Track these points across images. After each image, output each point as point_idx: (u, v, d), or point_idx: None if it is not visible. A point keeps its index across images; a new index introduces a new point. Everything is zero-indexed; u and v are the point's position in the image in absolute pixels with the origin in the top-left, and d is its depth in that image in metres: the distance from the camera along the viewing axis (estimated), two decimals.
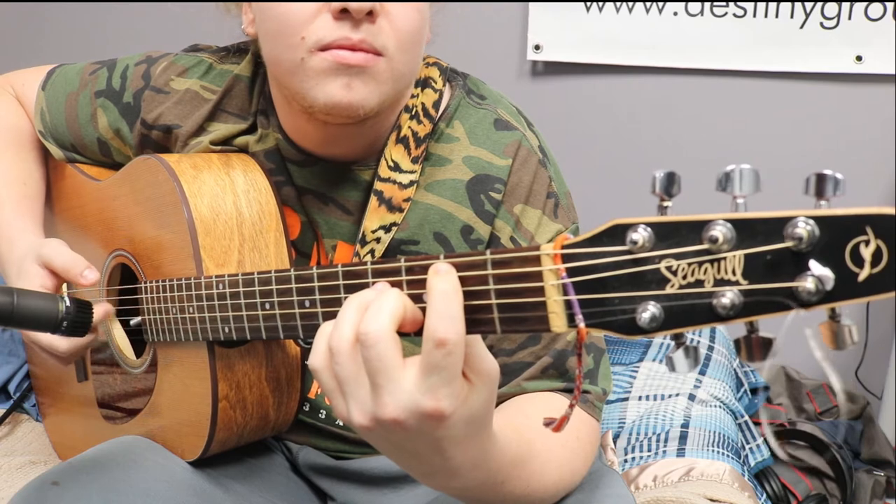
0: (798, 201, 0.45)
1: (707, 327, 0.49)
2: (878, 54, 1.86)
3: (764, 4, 1.89)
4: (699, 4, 1.92)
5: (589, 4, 1.97)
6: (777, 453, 1.63)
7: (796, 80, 1.94)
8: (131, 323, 0.97)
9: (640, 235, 0.48)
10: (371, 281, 0.62)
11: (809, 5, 1.86)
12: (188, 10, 1.84)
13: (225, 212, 0.90)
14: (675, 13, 1.94)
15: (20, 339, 1.44)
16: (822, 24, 1.86)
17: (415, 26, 0.84)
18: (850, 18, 1.85)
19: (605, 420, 1.48)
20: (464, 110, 0.94)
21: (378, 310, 0.56)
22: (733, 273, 0.45)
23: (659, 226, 0.48)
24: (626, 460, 1.36)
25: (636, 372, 1.61)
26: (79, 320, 0.88)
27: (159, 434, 0.96)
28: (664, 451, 1.35)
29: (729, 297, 0.45)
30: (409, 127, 0.92)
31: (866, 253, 0.42)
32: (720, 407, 1.48)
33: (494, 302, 0.55)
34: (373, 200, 0.91)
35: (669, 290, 0.47)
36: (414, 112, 0.92)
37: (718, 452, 1.32)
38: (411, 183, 0.91)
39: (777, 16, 1.88)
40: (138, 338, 0.98)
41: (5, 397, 1.42)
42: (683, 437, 1.37)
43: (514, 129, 0.94)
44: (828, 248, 0.43)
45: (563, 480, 0.78)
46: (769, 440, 1.58)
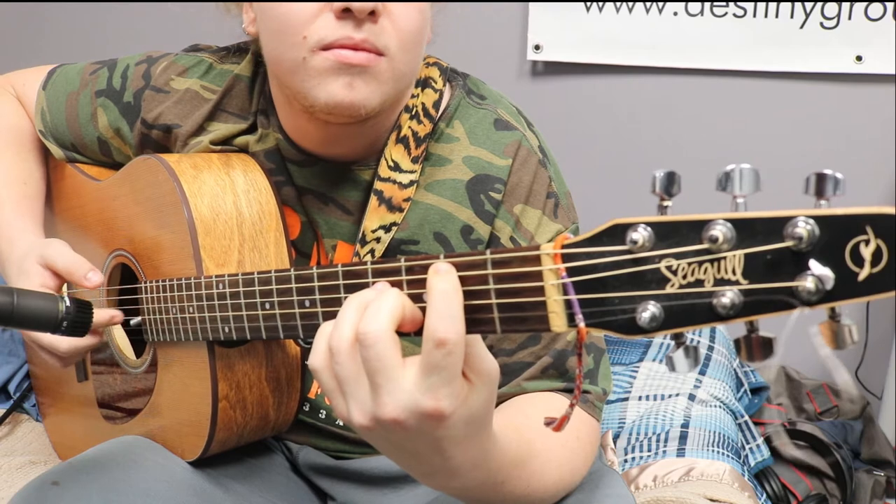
0: (798, 201, 0.45)
1: (707, 327, 0.49)
2: (878, 54, 1.85)
3: (764, 4, 1.89)
4: (699, 4, 1.92)
5: (589, 4, 1.97)
6: (783, 452, 1.63)
7: (796, 80, 1.94)
8: (131, 323, 0.97)
9: (640, 235, 0.48)
10: (371, 281, 0.62)
11: (809, 5, 1.86)
12: (188, 10, 1.85)
13: (225, 212, 0.90)
14: (675, 13, 1.93)
15: (20, 339, 1.44)
16: (822, 24, 1.86)
17: (416, 26, 0.84)
18: (850, 18, 1.85)
19: (605, 420, 1.48)
20: (464, 110, 0.94)
21: (377, 310, 0.56)
22: (733, 273, 0.45)
23: (659, 225, 0.48)
24: (626, 460, 1.36)
25: (636, 372, 1.61)
26: (79, 320, 0.88)
27: (159, 434, 0.96)
28: (664, 451, 1.35)
29: (729, 296, 0.45)
30: (410, 127, 0.92)
31: (866, 252, 0.42)
32: (720, 407, 1.48)
33: (494, 302, 0.55)
34: (373, 200, 0.91)
35: (669, 290, 0.47)
36: (414, 112, 0.92)
37: (718, 452, 1.32)
38: (411, 183, 0.91)
39: (777, 16, 1.88)
40: (138, 338, 0.98)
41: (5, 397, 1.42)
42: (683, 437, 1.37)
43: (514, 129, 0.94)
44: (828, 248, 0.43)
45: (563, 480, 0.78)
46: (776, 439, 1.58)
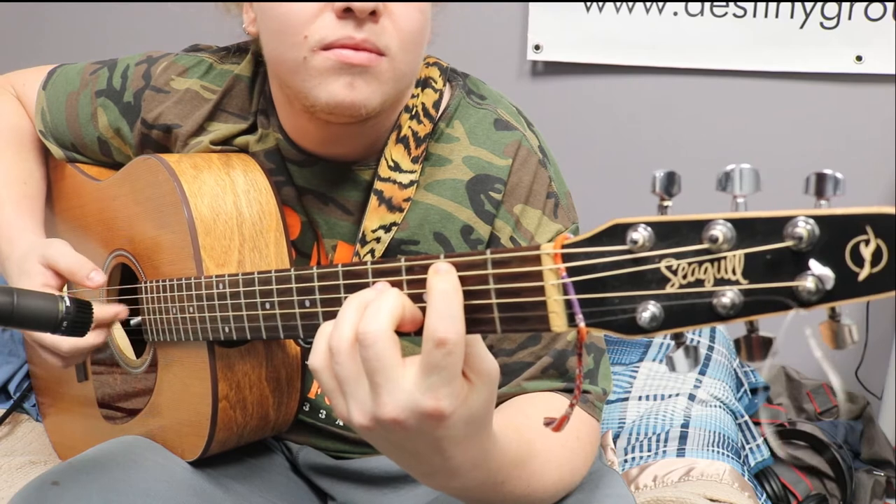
0: (798, 201, 0.45)
1: (707, 327, 0.49)
2: (878, 54, 1.86)
3: (764, 4, 1.89)
4: (699, 4, 1.92)
5: (589, 4, 1.97)
6: (778, 453, 1.63)
7: (796, 80, 1.94)
8: (131, 323, 0.97)
9: (641, 235, 0.48)
10: (371, 281, 0.62)
11: (809, 5, 1.86)
12: (188, 10, 1.85)
13: (225, 212, 0.90)
14: (675, 13, 1.94)
15: (20, 339, 1.44)
16: (822, 24, 1.86)
17: (417, 26, 0.84)
18: (850, 18, 1.85)
19: (605, 420, 1.48)
20: (464, 110, 0.94)
21: (377, 309, 0.56)
22: (733, 272, 0.45)
23: (659, 225, 0.48)
24: (626, 460, 1.36)
25: (636, 372, 1.61)
26: (79, 320, 0.88)
27: (159, 434, 0.96)
28: (664, 451, 1.35)
29: (729, 296, 0.45)
30: (410, 127, 0.92)
31: (866, 252, 0.42)
32: (720, 407, 1.48)
33: (494, 301, 0.55)
34: (373, 200, 0.91)
35: (669, 290, 0.47)
36: (414, 112, 0.92)
37: (718, 452, 1.32)
38: (411, 183, 0.91)
39: (777, 16, 1.88)
40: (138, 338, 0.98)
41: (5, 397, 1.42)
42: (683, 437, 1.37)
43: (514, 129, 0.94)
44: (828, 248, 0.43)
45: (563, 480, 0.78)
46: (771, 440, 1.58)
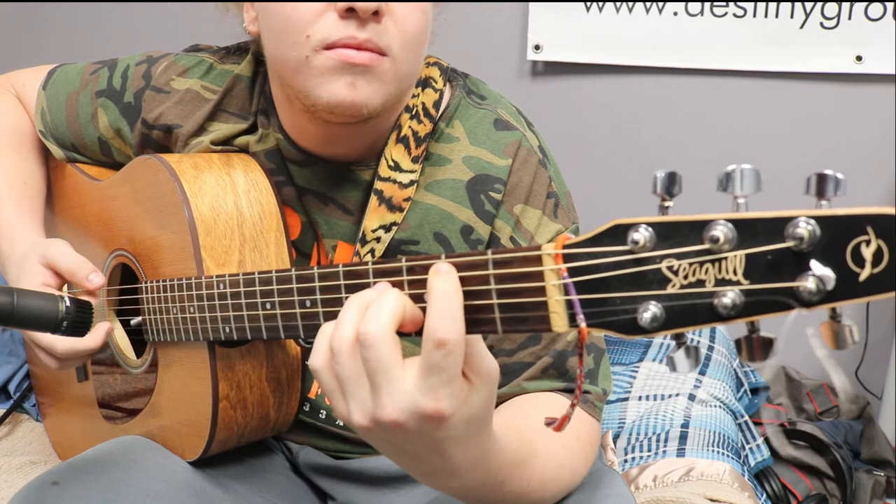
0: (799, 201, 0.45)
1: (708, 327, 0.49)
2: (878, 54, 1.86)
3: (764, 4, 1.89)
4: (699, 4, 1.92)
5: (589, 4, 1.97)
6: (780, 452, 1.63)
7: (796, 80, 1.94)
8: (132, 323, 0.97)
9: (642, 235, 0.48)
10: (372, 281, 0.62)
11: (809, 5, 1.86)
12: (188, 10, 1.85)
13: (226, 212, 0.90)
14: (675, 13, 1.93)
15: (20, 339, 1.44)
16: (822, 24, 1.86)
17: (419, 27, 0.84)
18: (850, 18, 1.85)
19: (605, 420, 1.48)
20: (464, 110, 0.94)
21: (378, 310, 0.56)
22: (734, 273, 0.45)
23: (660, 226, 0.48)
24: (626, 460, 1.36)
25: (636, 372, 1.61)
26: (79, 320, 0.88)
27: (159, 434, 0.96)
28: (664, 451, 1.35)
29: (730, 296, 0.45)
30: (410, 126, 0.92)
31: (867, 253, 0.42)
32: (720, 407, 1.48)
33: (495, 302, 0.55)
34: (373, 200, 0.91)
35: (670, 290, 0.48)
36: (414, 112, 0.92)
37: (718, 452, 1.32)
38: (411, 182, 0.91)
39: (777, 16, 1.88)
40: (139, 338, 0.98)
41: (5, 397, 1.42)
42: (683, 437, 1.37)
43: (514, 129, 0.94)
44: (829, 248, 0.43)
45: (564, 480, 0.78)
46: (775, 439, 1.58)
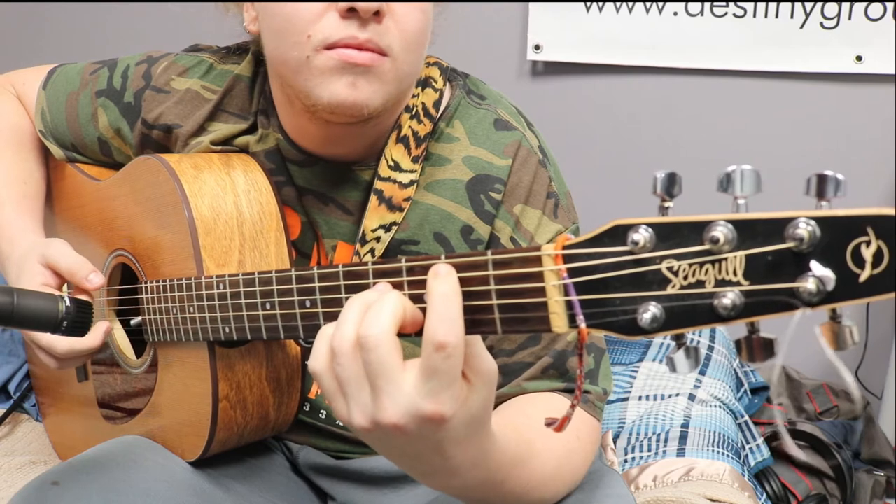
0: (799, 202, 0.45)
1: (708, 328, 0.49)
2: (878, 54, 1.85)
3: (764, 4, 1.89)
4: (699, 4, 1.92)
5: (589, 4, 1.97)
6: (788, 451, 1.63)
7: (796, 80, 1.94)
8: (132, 323, 0.97)
9: (642, 236, 0.48)
10: (372, 281, 0.61)
11: (809, 5, 1.86)
12: (188, 10, 1.85)
13: (225, 212, 0.90)
14: (675, 13, 1.93)
15: (20, 339, 1.44)
16: (822, 24, 1.86)
17: (420, 27, 0.84)
18: (850, 18, 1.85)
19: (605, 420, 1.48)
20: (464, 110, 0.94)
21: (378, 312, 0.55)
22: (734, 274, 0.45)
23: (660, 226, 0.48)
24: (626, 460, 1.36)
25: (636, 372, 1.61)
26: (79, 320, 0.88)
27: (159, 434, 0.96)
28: (664, 451, 1.35)
29: (730, 297, 0.45)
30: (410, 126, 0.91)
31: (867, 254, 0.42)
32: (720, 407, 1.48)
33: (495, 302, 0.55)
34: (373, 199, 0.91)
35: (670, 291, 0.47)
36: (414, 111, 0.92)
37: (718, 452, 1.32)
38: (411, 182, 0.91)
39: (777, 16, 1.88)
40: (138, 338, 0.98)
41: (5, 397, 1.42)
42: (683, 437, 1.37)
43: (513, 129, 0.94)
44: (829, 249, 0.43)
45: (563, 479, 0.78)
46: (784, 438, 1.57)
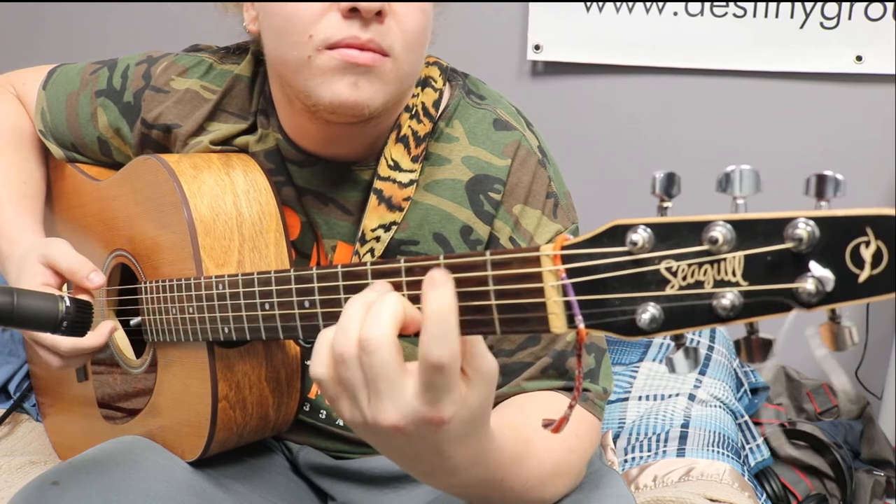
0: (798, 202, 0.45)
1: (707, 328, 0.49)
2: (878, 54, 1.85)
3: (764, 4, 1.89)
4: (699, 4, 1.92)
5: (589, 4, 1.97)
6: (783, 452, 1.63)
7: (796, 80, 1.94)
8: (131, 323, 0.97)
9: (640, 236, 0.48)
10: (371, 282, 0.61)
11: (809, 5, 1.86)
12: (188, 10, 1.85)
13: (225, 212, 0.90)
14: (675, 13, 1.93)
15: (20, 339, 1.44)
16: (822, 24, 1.86)
17: (421, 27, 0.84)
18: (850, 18, 1.85)
19: (605, 420, 1.48)
20: (463, 110, 0.94)
21: (378, 314, 0.55)
22: (733, 274, 0.45)
23: (659, 227, 0.48)
24: (626, 460, 1.36)
25: (636, 372, 1.61)
26: (79, 320, 0.88)
27: (159, 434, 0.96)
28: (664, 451, 1.35)
29: (729, 298, 0.45)
30: (409, 126, 0.91)
31: (866, 254, 0.42)
32: (720, 407, 1.48)
33: (494, 303, 0.55)
34: (372, 199, 0.91)
35: (669, 291, 0.47)
36: (414, 111, 0.92)
37: (718, 452, 1.32)
38: (411, 182, 0.91)
39: (777, 16, 1.88)
40: (138, 338, 0.98)
41: (5, 397, 1.42)
42: (683, 437, 1.37)
43: (513, 129, 0.94)
44: (828, 249, 0.43)
45: (562, 477, 0.79)
46: (775, 440, 1.58)
